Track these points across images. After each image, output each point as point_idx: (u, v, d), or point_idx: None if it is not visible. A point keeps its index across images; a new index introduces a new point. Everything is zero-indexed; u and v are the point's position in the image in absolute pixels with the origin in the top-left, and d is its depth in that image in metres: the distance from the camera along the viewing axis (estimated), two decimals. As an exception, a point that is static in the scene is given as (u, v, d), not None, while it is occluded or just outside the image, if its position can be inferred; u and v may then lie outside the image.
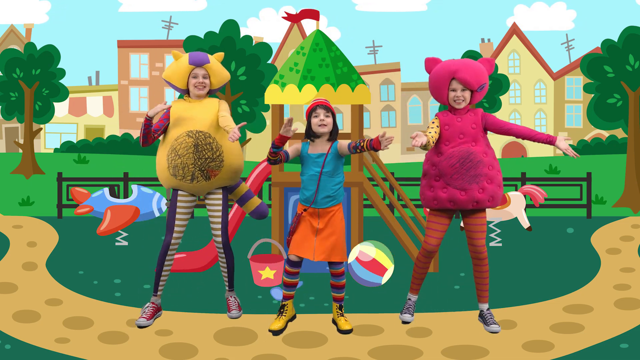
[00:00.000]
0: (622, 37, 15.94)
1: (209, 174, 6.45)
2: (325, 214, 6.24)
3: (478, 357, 5.69)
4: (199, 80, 6.53)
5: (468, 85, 6.22)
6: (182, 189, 6.55)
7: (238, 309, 6.76)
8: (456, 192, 6.25)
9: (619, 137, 33.36)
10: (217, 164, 6.44)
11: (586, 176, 13.84)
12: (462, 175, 6.23)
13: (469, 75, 6.21)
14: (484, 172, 6.25)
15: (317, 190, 6.19)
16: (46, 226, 12.05)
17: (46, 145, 39.93)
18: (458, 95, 6.25)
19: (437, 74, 6.31)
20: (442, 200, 6.30)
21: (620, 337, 6.17)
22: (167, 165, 6.46)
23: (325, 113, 6.22)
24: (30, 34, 41.60)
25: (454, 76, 6.24)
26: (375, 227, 11.05)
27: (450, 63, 6.31)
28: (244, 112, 19.35)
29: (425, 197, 6.42)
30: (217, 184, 6.56)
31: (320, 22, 9.25)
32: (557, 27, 59.08)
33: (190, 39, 18.86)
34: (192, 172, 6.40)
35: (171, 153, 6.41)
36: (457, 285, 7.96)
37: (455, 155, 6.22)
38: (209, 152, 6.40)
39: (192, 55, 6.55)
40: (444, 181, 6.28)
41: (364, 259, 7.65)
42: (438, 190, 6.31)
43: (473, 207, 6.31)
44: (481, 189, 6.26)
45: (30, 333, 6.24)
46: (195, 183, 6.46)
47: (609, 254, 9.74)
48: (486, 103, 26.23)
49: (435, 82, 6.33)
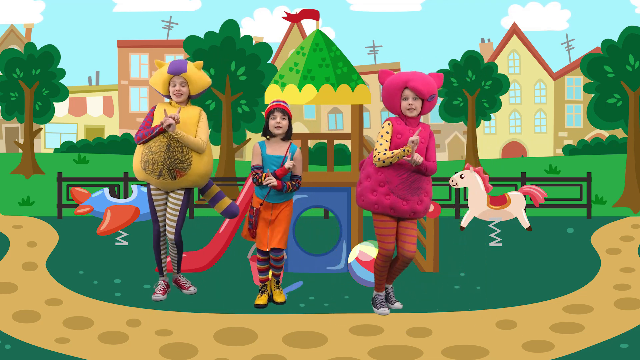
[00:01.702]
0: (622, 37, 15.93)
1: (175, 174, 7.03)
2: (277, 207, 7.02)
3: (478, 357, 5.69)
4: (176, 88, 7.11)
5: (419, 93, 6.54)
6: (151, 183, 7.18)
7: (190, 284, 7.57)
8: (399, 201, 6.58)
9: (619, 137, 33.35)
10: (185, 166, 7.03)
11: (586, 176, 13.84)
12: (407, 187, 6.56)
13: (420, 85, 6.54)
14: (424, 186, 6.63)
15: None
16: (46, 226, 12.05)
17: (46, 145, 39.91)
18: (410, 103, 6.57)
19: (390, 84, 6.65)
20: (384, 206, 6.60)
21: (620, 337, 6.17)
22: (140, 159, 7.08)
23: (282, 116, 6.95)
24: (30, 34, 41.60)
25: (406, 85, 6.56)
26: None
27: (402, 74, 6.67)
28: (243, 112, 19.34)
29: (367, 200, 6.67)
30: (182, 185, 7.15)
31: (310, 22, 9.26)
32: (551, 27, 59.03)
33: (190, 39, 18.85)
34: (160, 169, 7.01)
35: (146, 149, 7.03)
36: (457, 285, 7.95)
37: (404, 168, 6.53)
38: (179, 154, 6.99)
39: (171, 64, 7.12)
40: (388, 188, 6.57)
41: (364, 259, 7.66)
42: (381, 196, 6.60)
43: (410, 217, 6.66)
44: (420, 201, 6.63)
45: (30, 333, 6.24)
46: (162, 180, 7.06)
47: (609, 254, 9.74)
48: (486, 103, 26.23)
49: (388, 92, 6.66)
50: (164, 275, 7.50)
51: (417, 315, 6.76)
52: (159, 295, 7.31)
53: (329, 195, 8.48)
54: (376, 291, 6.91)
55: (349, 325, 6.43)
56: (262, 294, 7.16)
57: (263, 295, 7.13)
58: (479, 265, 9.10)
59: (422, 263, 8.75)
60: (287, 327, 6.36)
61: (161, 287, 7.40)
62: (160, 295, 7.31)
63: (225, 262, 8.98)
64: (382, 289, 6.89)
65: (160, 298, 7.28)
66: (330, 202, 8.50)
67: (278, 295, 7.18)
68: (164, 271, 7.49)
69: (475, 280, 8.20)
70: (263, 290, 7.18)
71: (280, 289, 7.24)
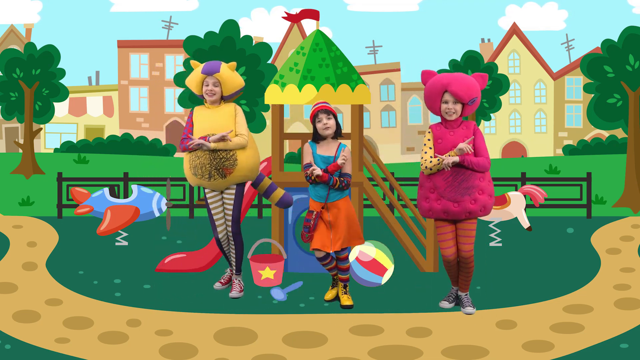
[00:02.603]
0: (622, 37, 15.92)
1: (224, 172, 7.19)
2: (332, 207, 6.97)
3: (478, 357, 5.69)
4: (209, 88, 7.29)
5: (459, 98, 6.56)
6: (204, 186, 7.36)
7: (239, 291, 7.51)
8: (449, 204, 6.62)
9: (619, 137, 33.34)
10: (231, 163, 7.18)
11: (586, 176, 13.83)
12: (455, 188, 6.58)
13: (460, 89, 6.55)
14: (476, 184, 6.61)
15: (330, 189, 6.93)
16: (46, 226, 12.04)
17: (46, 145, 39.91)
18: (449, 107, 6.60)
19: (430, 87, 6.68)
20: (437, 211, 6.67)
21: (620, 337, 6.17)
22: (189, 166, 7.27)
23: (327, 117, 6.92)
24: (30, 34, 41.60)
25: (446, 89, 6.58)
26: (375, 227, 11.04)
27: (443, 76, 6.66)
28: (244, 112, 19.36)
29: (422, 208, 6.80)
30: (234, 181, 7.31)
31: (310, 22, 9.29)
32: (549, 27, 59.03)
33: (190, 39, 18.86)
34: (209, 170, 7.18)
35: (192, 154, 7.23)
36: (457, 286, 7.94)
37: (449, 170, 6.57)
38: (224, 153, 7.16)
39: (205, 65, 7.31)
40: (438, 193, 6.64)
41: (364, 259, 7.66)
42: (433, 202, 6.68)
43: (466, 217, 6.68)
44: (473, 200, 6.63)
45: (30, 333, 6.24)
46: (213, 181, 7.23)
47: (609, 254, 9.73)
48: (486, 103, 26.23)
49: (428, 94, 6.70)
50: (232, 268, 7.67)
51: (417, 315, 6.76)
52: (219, 284, 7.74)
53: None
54: (452, 285, 7.08)
55: (349, 325, 6.44)
56: (333, 288, 7.36)
57: (333, 290, 7.34)
58: (479, 265, 9.10)
59: (422, 263, 8.75)
60: (287, 327, 6.37)
61: (226, 276, 7.80)
62: (219, 284, 7.73)
63: (225, 262, 8.98)
64: (455, 284, 7.02)
65: (237, 295, 7.45)
66: (330, 202, 8.49)
67: (346, 299, 7.14)
68: (232, 263, 7.64)
69: (475, 280, 8.20)
70: (334, 285, 7.37)
71: (347, 293, 7.20)
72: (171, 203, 9.79)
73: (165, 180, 11.59)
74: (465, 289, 6.99)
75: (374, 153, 9.62)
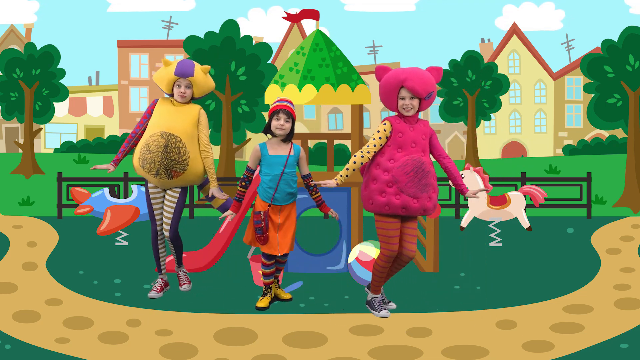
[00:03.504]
0: (622, 37, 15.93)
1: (171, 174, 7.13)
2: (285, 209, 6.97)
3: (478, 357, 5.69)
4: (181, 90, 7.16)
5: (416, 93, 6.46)
6: (149, 181, 7.27)
7: (188, 282, 7.65)
8: (409, 199, 6.50)
9: (619, 137, 33.35)
10: (181, 167, 7.12)
11: (586, 176, 13.84)
12: (416, 184, 6.48)
13: (417, 84, 6.44)
14: (432, 182, 6.56)
15: (277, 188, 6.87)
16: (46, 226, 12.04)
17: (46, 145, 39.93)
18: (407, 103, 6.50)
19: (386, 82, 6.57)
20: (395, 206, 6.51)
21: (620, 337, 6.17)
22: (138, 157, 7.16)
23: (286, 118, 6.85)
24: (30, 34, 41.61)
25: (402, 84, 6.47)
26: (375, 227, 11.04)
27: (399, 72, 6.54)
28: (243, 112, 19.34)
29: (376, 202, 6.56)
30: (179, 183, 7.25)
31: (307, 22, 9.28)
32: (546, 27, 59.06)
33: (190, 39, 18.84)
34: (157, 168, 7.10)
35: (144, 147, 7.11)
36: (457, 285, 7.95)
37: (409, 164, 6.46)
38: (176, 155, 7.08)
39: (178, 66, 7.15)
40: (397, 188, 6.48)
41: (364, 259, 7.66)
42: (391, 197, 6.50)
43: (421, 215, 6.60)
44: (429, 197, 6.56)
45: (30, 333, 6.24)
46: (159, 179, 7.16)
47: (609, 254, 9.74)
48: (486, 103, 26.23)
49: (384, 90, 6.58)
50: (163, 274, 7.58)
51: (417, 315, 6.76)
52: (154, 292, 7.40)
53: (328, 195, 8.47)
54: (373, 293, 6.81)
55: (349, 325, 6.43)
56: (265, 296, 7.13)
57: (265, 298, 7.11)
58: (479, 265, 9.11)
59: (422, 263, 8.75)
60: (287, 327, 6.37)
61: (158, 284, 7.50)
62: (155, 293, 7.39)
63: (225, 262, 8.98)
64: (379, 292, 6.82)
65: (156, 296, 7.36)
66: (330, 202, 8.50)
67: (284, 293, 7.31)
68: (162, 270, 7.58)
69: (475, 280, 8.20)
70: (266, 293, 7.15)
71: (280, 287, 7.38)
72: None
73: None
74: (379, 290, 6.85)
75: (374, 153, 9.62)
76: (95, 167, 7.27)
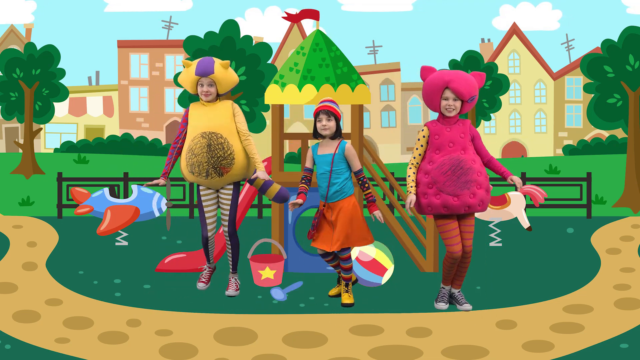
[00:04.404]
0: (622, 37, 15.92)
1: (221, 171, 7.17)
2: (335, 207, 7.03)
3: (478, 357, 5.69)
4: (204, 89, 7.20)
5: (460, 95, 6.62)
6: (200, 184, 7.36)
7: (235, 288, 7.54)
8: (449, 198, 6.63)
9: (619, 137, 33.33)
10: (229, 162, 7.15)
11: (586, 176, 13.83)
12: (454, 182, 6.60)
13: (461, 86, 6.60)
14: (474, 179, 6.65)
15: (329, 186, 7.00)
16: (46, 226, 12.04)
17: (46, 145, 39.90)
18: (450, 104, 6.65)
19: (431, 82, 6.70)
20: (436, 206, 6.67)
21: (620, 337, 6.17)
22: (185, 164, 7.24)
23: (327, 118, 6.98)
24: (30, 34, 41.58)
25: (447, 85, 6.62)
26: (375, 227, 11.04)
27: (444, 73, 6.70)
28: (244, 112, 19.35)
29: (421, 204, 6.78)
30: (230, 180, 7.30)
31: (307, 22, 9.31)
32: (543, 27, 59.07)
33: (190, 39, 18.86)
34: (207, 169, 7.15)
35: (189, 152, 7.18)
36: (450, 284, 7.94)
37: (446, 163, 6.61)
38: (221, 152, 7.12)
39: (198, 66, 7.16)
40: (437, 188, 6.64)
41: (364, 259, 7.66)
42: (432, 197, 6.67)
43: (465, 212, 6.69)
44: (472, 194, 6.65)
45: (30, 333, 6.24)
46: (210, 179, 7.21)
47: (609, 254, 9.73)
48: (486, 103, 26.23)
49: (429, 90, 6.72)
50: (211, 263, 7.71)
51: (417, 315, 6.76)
52: (202, 283, 7.63)
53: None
54: (443, 284, 7.04)
55: (349, 325, 6.44)
56: (339, 285, 7.47)
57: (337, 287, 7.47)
58: (479, 265, 9.10)
59: (422, 263, 8.75)
60: (287, 327, 6.37)
61: (206, 273, 7.70)
62: (202, 284, 7.63)
63: (225, 262, 8.98)
64: (449, 283, 6.99)
65: (202, 287, 7.59)
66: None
67: (347, 297, 7.20)
68: (211, 259, 7.68)
69: (475, 280, 8.20)
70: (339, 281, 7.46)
71: (349, 291, 7.25)
72: (171, 203, 9.74)
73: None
74: (460, 285, 7.06)
75: (374, 153, 9.62)
76: (148, 184, 7.49)
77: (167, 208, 9.73)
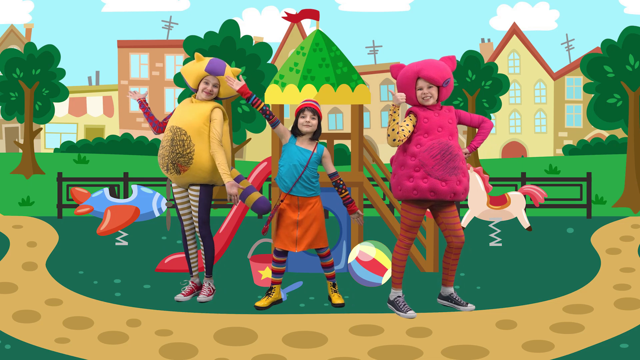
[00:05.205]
0: (622, 37, 15.94)
1: (178, 168, 7.05)
2: (305, 206, 6.95)
3: (478, 357, 5.69)
4: (208, 88, 7.12)
5: (433, 81, 6.56)
6: (169, 179, 7.30)
7: (208, 294, 7.31)
8: (437, 182, 6.52)
9: (619, 137, 33.34)
10: (186, 161, 7.00)
11: (586, 176, 13.84)
12: (443, 167, 6.51)
13: (432, 72, 6.54)
14: (460, 166, 6.59)
15: (298, 180, 6.89)
16: (46, 226, 12.04)
17: (46, 145, 39.92)
18: (425, 92, 6.59)
19: (403, 77, 6.66)
20: (423, 190, 6.53)
21: (620, 337, 6.17)
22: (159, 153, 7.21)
23: (312, 115, 6.92)
24: (30, 34, 41.60)
25: (418, 75, 6.57)
26: (375, 227, 11.04)
27: (413, 65, 6.66)
28: (243, 112, 19.35)
29: (404, 188, 6.60)
30: (190, 180, 7.12)
31: (304, 22, 9.32)
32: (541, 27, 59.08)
33: (190, 39, 18.85)
34: (167, 163, 7.07)
35: (162, 142, 7.16)
36: (457, 285, 7.95)
37: (436, 147, 6.51)
38: (180, 148, 7.00)
39: (210, 63, 7.08)
40: (424, 171, 6.53)
41: (364, 259, 7.65)
42: (418, 181, 6.54)
43: (451, 199, 6.59)
44: (458, 181, 6.59)
45: (30, 333, 6.24)
46: (170, 174, 7.14)
47: (609, 254, 9.74)
48: (486, 103, 26.22)
49: (402, 84, 6.66)
50: (194, 276, 7.47)
51: (417, 315, 6.75)
52: (181, 295, 7.30)
53: (329, 195, 8.47)
54: (394, 289, 6.83)
55: (349, 325, 6.43)
56: (268, 297, 7.09)
57: (268, 298, 7.07)
58: (479, 265, 9.11)
59: (422, 263, 8.75)
60: (287, 327, 6.37)
61: (188, 288, 7.40)
62: (181, 296, 7.29)
63: (225, 262, 8.98)
64: (400, 286, 6.85)
65: (182, 299, 7.27)
66: (330, 202, 8.49)
67: (337, 297, 7.14)
68: (193, 271, 7.46)
69: (475, 280, 8.20)
70: (270, 293, 7.11)
71: (337, 291, 7.20)
72: (171, 203, 9.76)
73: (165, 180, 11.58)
74: (453, 282, 6.97)
75: (374, 153, 9.62)
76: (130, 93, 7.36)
77: (167, 208, 9.75)
